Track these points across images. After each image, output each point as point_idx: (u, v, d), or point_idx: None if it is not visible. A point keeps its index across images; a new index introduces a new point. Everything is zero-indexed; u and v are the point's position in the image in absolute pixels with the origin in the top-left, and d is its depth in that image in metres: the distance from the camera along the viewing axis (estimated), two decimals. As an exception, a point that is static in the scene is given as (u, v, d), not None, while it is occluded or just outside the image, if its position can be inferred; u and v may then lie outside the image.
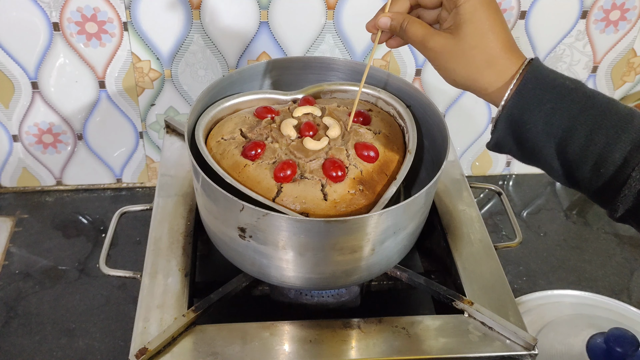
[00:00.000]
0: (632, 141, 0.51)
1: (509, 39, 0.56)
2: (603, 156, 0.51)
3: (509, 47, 0.55)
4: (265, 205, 0.63)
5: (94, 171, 1.09)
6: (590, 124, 0.51)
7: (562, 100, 0.52)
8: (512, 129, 0.55)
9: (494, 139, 0.57)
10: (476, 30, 0.55)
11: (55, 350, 0.85)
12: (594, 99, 0.52)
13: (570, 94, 0.53)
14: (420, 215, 0.70)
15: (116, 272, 0.74)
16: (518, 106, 0.54)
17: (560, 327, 0.82)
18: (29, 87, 0.97)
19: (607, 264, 1.02)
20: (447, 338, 0.67)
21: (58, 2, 0.89)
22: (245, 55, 0.98)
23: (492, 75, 0.55)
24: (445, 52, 0.56)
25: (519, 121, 0.54)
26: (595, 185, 0.53)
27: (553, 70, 0.54)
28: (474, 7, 0.55)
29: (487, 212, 1.10)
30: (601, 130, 0.51)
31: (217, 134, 0.72)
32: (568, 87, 0.53)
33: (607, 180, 0.52)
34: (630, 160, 0.50)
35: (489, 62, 0.55)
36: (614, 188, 0.52)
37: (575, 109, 0.52)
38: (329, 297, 0.76)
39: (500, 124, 0.55)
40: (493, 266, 0.75)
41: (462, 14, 0.55)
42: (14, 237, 1.01)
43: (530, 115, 0.53)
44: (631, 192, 0.51)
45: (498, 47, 0.55)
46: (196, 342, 0.66)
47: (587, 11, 0.99)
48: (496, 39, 0.55)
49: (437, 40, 0.56)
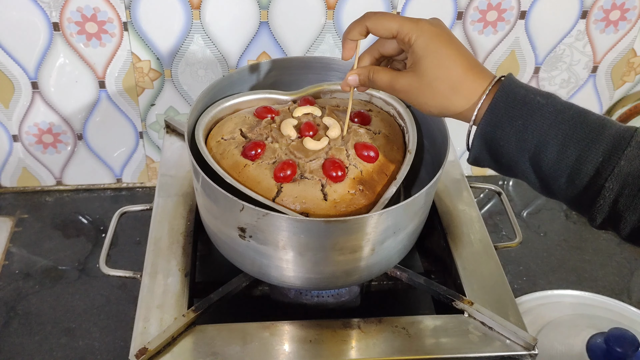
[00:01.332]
0: (603, 152, 0.52)
1: (469, 62, 0.58)
2: (576, 168, 0.53)
3: (470, 69, 0.57)
4: (265, 205, 0.63)
5: (94, 171, 1.09)
6: (562, 137, 0.53)
7: (533, 116, 0.54)
8: (487, 145, 0.57)
9: (472, 156, 0.59)
10: (433, 63, 0.57)
11: (55, 350, 0.85)
12: (564, 113, 0.54)
13: (541, 109, 0.54)
14: (420, 215, 0.70)
15: (116, 272, 0.74)
16: (490, 124, 0.56)
17: (560, 327, 0.82)
18: (29, 87, 0.97)
19: (607, 264, 1.02)
20: (447, 338, 0.67)
21: (58, 2, 0.89)
22: (245, 55, 0.98)
23: (460, 100, 0.57)
24: (412, 90, 0.59)
25: (493, 138, 0.56)
26: (572, 196, 0.55)
27: (525, 86, 0.56)
28: (425, 42, 0.57)
29: (487, 212, 1.10)
30: (572, 143, 0.53)
31: (217, 134, 0.72)
32: (539, 103, 0.54)
33: (582, 191, 0.54)
34: (602, 171, 0.52)
35: (453, 89, 0.57)
36: (590, 198, 0.53)
37: (546, 124, 0.54)
38: (329, 297, 0.76)
39: (475, 141, 0.57)
40: (493, 266, 0.75)
41: (417, 51, 0.58)
42: (14, 237, 1.01)
43: (502, 132, 0.55)
44: (606, 202, 0.52)
45: (459, 72, 0.57)
46: (196, 342, 0.66)
47: (587, 11, 0.99)
48: (455, 66, 0.57)
49: (402, 82, 0.59)
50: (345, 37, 0.63)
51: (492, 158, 0.58)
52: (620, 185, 0.51)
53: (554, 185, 0.55)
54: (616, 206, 0.52)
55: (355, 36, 0.62)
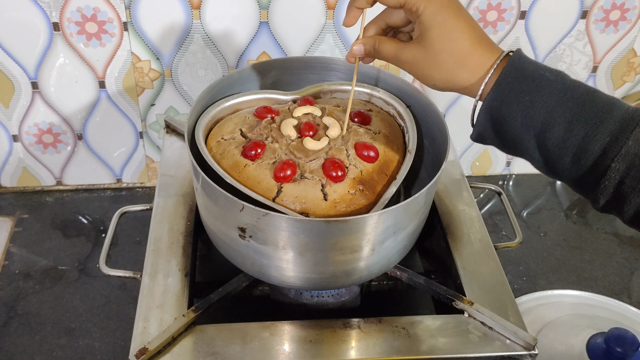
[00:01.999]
0: (610, 132, 0.51)
1: (477, 36, 0.56)
2: (582, 148, 0.52)
3: (478, 43, 0.56)
4: (265, 205, 0.63)
5: (94, 171, 1.09)
6: (569, 115, 0.52)
7: (541, 92, 0.53)
8: (492, 121, 0.55)
9: (476, 132, 0.58)
10: (440, 35, 0.56)
11: (55, 350, 0.85)
12: (574, 91, 0.53)
13: (550, 85, 0.53)
14: (420, 215, 0.70)
15: (116, 272, 0.74)
16: (497, 99, 0.54)
17: (560, 327, 0.82)
18: (29, 87, 0.97)
19: (607, 264, 1.02)
20: (447, 338, 0.67)
21: (58, 2, 0.89)
22: (245, 55, 0.98)
23: (466, 74, 0.56)
24: (417, 62, 0.58)
25: (499, 113, 0.55)
26: (576, 175, 0.54)
27: (534, 62, 0.55)
28: (433, 13, 0.56)
29: (487, 212, 1.10)
30: (579, 121, 0.52)
31: (217, 134, 0.72)
32: (547, 79, 0.53)
33: (587, 171, 0.52)
34: (608, 152, 0.51)
35: (460, 62, 0.56)
36: (594, 179, 0.52)
37: (554, 100, 0.52)
38: (329, 297, 0.76)
39: (480, 116, 0.56)
40: (493, 266, 0.75)
41: (424, 21, 0.56)
42: (14, 237, 1.01)
43: (508, 108, 0.54)
44: (611, 183, 0.51)
45: (466, 45, 0.55)
46: (196, 342, 0.66)
47: (587, 11, 0.99)
48: (463, 38, 0.56)
49: (408, 53, 0.58)
50: (351, 4, 0.61)
51: (497, 135, 0.56)
52: (626, 166, 0.50)
53: (559, 165, 0.54)
54: (621, 187, 0.51)
55: (361, 4, 0.60)
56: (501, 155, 1.16)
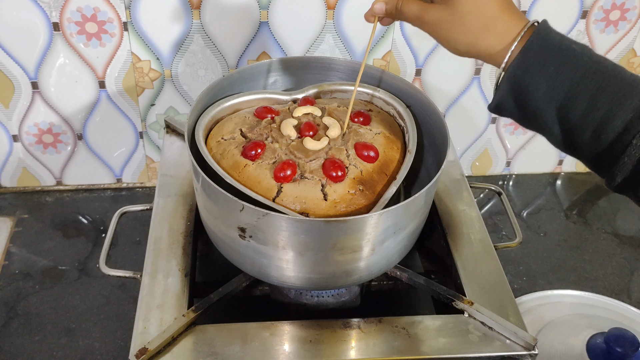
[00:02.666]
0: (634, 108, 0.50)
1: (506, 1, 0.55)
2: (604, 122, 0.51)
3: (507, 8, 0.55)
4: (265, 205, 0.63)
5: (94, 171, 1.09)
6: (593, 89, 0.51)
7: (567, 63, 0.52)
8: (514, 90, 0.54)
9: (496, 100, 0.56)
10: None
11: (55, 350, 0.85)
12: (599, 64, 0.52)
13: (576, 57, 0.52)
14: (420, 215, 0.70)
15: (116, 272, 0.74)
16: (521, 67, 0.53)
17: (560, 327, 0.82)
18: (29, 87, 0.97)
19: (607, 264, 1.02)
20: (447, 338, 0.67)
21: (58, 2, 0.89)
22: (245, 55, 0.98)
23: (492, 39, 0.55)
24: (442, 23, 0.56)
25: (521, 83, 0.53)
26: (594, 151, 0.53)
27: (561, 34, 0.54)
28: None
29: (487, 212, 1.10)
30: (604, 96, 0.51)
31: (217, 134, 0.72)
32: (574, 51, 0.52)
33: (606, 147, 0.52)
34: (631, 128, 0.50)
35: (487, 26, 0.55)
36: (613, 155, 0.51)
37: (579, 73, 0.52)
38: (329, 297, 0.76)
39: (502, 85, 0.55)
40: (493, 266, 0.75)
41: None
42: (14, 237, 1.01)
43: (532, 77, 0.53)
44: (630, 160, 0.51)
45: (495, 9, 0.55)
46: (196, 342, 0.66)
47: (587, 11, 0.99)
48: (491, 2, 0.55)
49: (433, 13, 0.57)
50: None
51: (517, 105, 0.55)
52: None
53: (578, 139, 0.53)
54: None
55: None
56: (501, 155, 1.16)
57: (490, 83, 1.06)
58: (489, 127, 1.12)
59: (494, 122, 1.12)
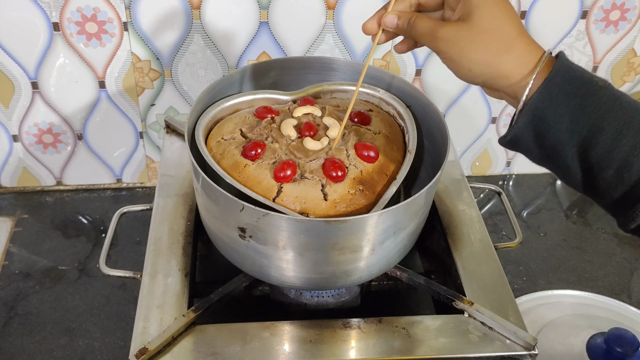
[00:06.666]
0: None
1: (522, 26, 0.53)
2: (629, 160, 0.49)
3: (524, 32, 0.53)
4: (265, 205, 0.63)
5: (94, 171, 1.09)
6: (618, 125, 0.49)
7: (591, 97, 0.49)
8: (534, 123, 0.51)
9: (512, 134, 0.53)
10: (489, 13, 0.52)
11: (55, 350, 0.85)
12: (622, 99, 0.50)
13: (599, 91, 0.50)
14: (420, 215, 0.70)
15: (116, 272, 0.74)
16: (544, 99, 0.50)
17: (560, 327, 0.82)
18: (29, 87, 0.97)
19: (607, 264, 1.02)
20: (447, 338, 0.67)
21: (58, 2, 0.89)
22: (245, 55, 0.98)
23: (511, 61, 0.51)
24: (457, 39, 0.52)
25: (543, 116, 0.50)
26: (616, 191, 0.50)
27: (581, 67, 0.52)
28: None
29: (487, 212, 1.10)
30: (629, 131, 0.49)
31: (217, 134, 0.72)
32: (597, 84, 0.50)
33: (629, 188, 0.49)
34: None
35: (507, 46, 0.51)
36: (635, 197, 0.49)
37: (604, 107, 0.49)
38: (329, 297, 0.76)
39: (522, 117, 0.51)
40: (493, 266, 0.75)
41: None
42: (14, 237, 1.01)
43: (555, 110, 0.50)
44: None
45: (515, 31, 0.52)
46: (196, 342, 0.66)
47: (587, 11, 0.99)
48: (511, 23, 0.52)
49: (448, 29, 0.53)
50: None
51: (536, 140, 0.52)
52: None
53: (599, 178, 0.50)
54: None
55: None
56: (501, 155, 1.16)
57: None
58: (489, 127, 1.12)
59: (494, 122, 1.12)
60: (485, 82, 0.54)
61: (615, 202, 0.51)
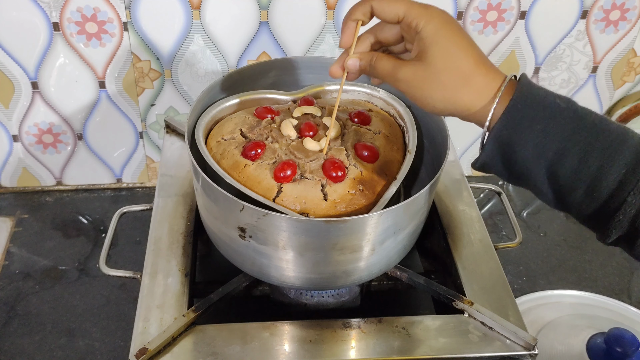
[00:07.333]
0: (626, 164, 0.49)
1: (480, 56, 0.54)
2: (597, 179, 0.49)
3: (482, 63, 0.53)
4: (265, 205, 0.63)
5: (94, 171, 1.09)
6: (583, 145, 0.49)
7: (554, 120, 0.50)
8: (500, 150, 0.52)
9: (481, 161, 0.55)
10: (443, 51, 0.52)
11: (55, 350, 0.85)
12: (586, 119, 0.50)
13: (562, 113, 0.50)
14: (420, 215, 0.70)
15: (116, 272, 0.74)
16: (508, 126, 0.51)
17: (560, 327, 0.82)
18: (29, 87, 0.97)
19: (607, 264, 1.02)
20: (447, 338, 0.67)
21: (58, 2, 0.89)
22: (245, 55, 0.98)
23: (470, 94, 0.53)
24: (416, 80, 0.54)
25: (508, 142, 0.52)
26: (588, 209, 0.51)
27: (542, 88, 0.52)
28: (436, 28, 0.53)
29: (487, 212, 1.10)
30: (594, 152, 0.49)
31: (217, 134, 0.72)
32: (559, 107, 0.51)
33: (600, 205, 0.50)
34: (625, 184, 0.49)
35: (464, 81, 0.52)
36: (608, 213, 0.50)
37: (568, 129, 0.50)
38: (329, 297, 0.76)
39: (488, 144, 0.53)
40: (493, 266, 0.75)
41: (425, 37, 0.53)
42: (14, 237, 1.01)
43: (520, 136, 0.51)
44: (626, 217, 0.49)
45: (470, 64, 0.53)
46: (196, 342, 0.66)
47: (587, 11, 0.99)
48: (466, 56, 0.53)
49: (407, 70, 0.54)
50: (347, 19, 0.57)
51: (505, 164, 0.53)
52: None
53: (570, 197, 0.51)
54: (636, 221, 0.49)
55: (357, 17, 0.57)
56: (501, 155, 1.16)
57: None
58: (489, 127, 1.12)
59: (494, 122, 1.12)
60: (451, 114, 0.55)
61: (590, 218, 0.52)
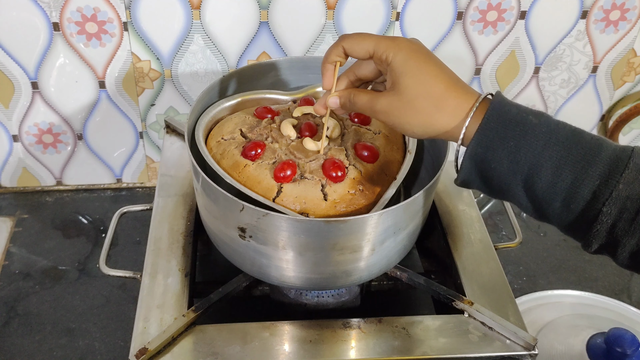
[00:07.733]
0: (599, 175, 0.50)
1: (451, 79, 0.56)
2: (572, 192, 0.51)
3: (453, 85, 0.55)
4: (265, 205, 0.63)
5: (94, 171, 1.09)
6: (556, 159, 0.51)
7: (526, 136, 0.52)
8: (477, 167, 0.54)
9: (461, 178, 0.56)
10: (413, 80, 0.55)
11: (55, 350, 0.85)
12: (559, 133, 0.52)
13: (534, 129, 0.52)
14: (420, 215, 0.70)
15: (116, 272, 0.74)
16: (481, 145, 0.53)
17: (560, 327, 0.82)
18: (29, 87, 0.97)
19: (607, 264, 1.02)
20: (447, 338, 0.67)
21: (58, 2, 0.89)
22: (245, 55, 0.98)
23: (445, 117, 0.55)
24: (392, 110, 0.56)
25: (483, 159, 0.53)
26: (567, 221, 0.53)
27: (516, 105, 0.54)
28: (404, 59, 0.55)
29: (487, 212, 1.10)
30: (567, 165, 0.51)
31: (217, 134, 0.72)
32: (531, 123, 0.52)
33: (577, 216, 0.52)
34: (599, 195, 0.50)
35: (437, 105, 0.55)
36: (586, 223, 0.51)
37: (540, 144, 0.51)
38: (329, 297, 0.76)
39: (465, 163, 0.55)
40: (493, 266, 0.75)
41: (395, 68, 0.56)
42: (14, 237, 1.01)
43: (494, 154, 0.53)
44: (603, 227, 0.51)
45: (441, 88, 0.55)
46: (196, 342, 0.66)
47: (587, 11, 0.99)
48: (437, 82, 0.55)
49: (382, 101, 0.57)
50: (324, 63, 0.62)
51: (483, 181, 0.55)
52: (618, 209, 0.49)
53: (548, 210, 0.53)
54: (614, 231, 0.50)
55: (333, 59, 0.61)
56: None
57: (490, 83, 1.06)
58: (489, 127, 1.12)
59: (494, 122, 1.12)
60: (431, 137, 0.57)
61: (570, 229, 0.54)
